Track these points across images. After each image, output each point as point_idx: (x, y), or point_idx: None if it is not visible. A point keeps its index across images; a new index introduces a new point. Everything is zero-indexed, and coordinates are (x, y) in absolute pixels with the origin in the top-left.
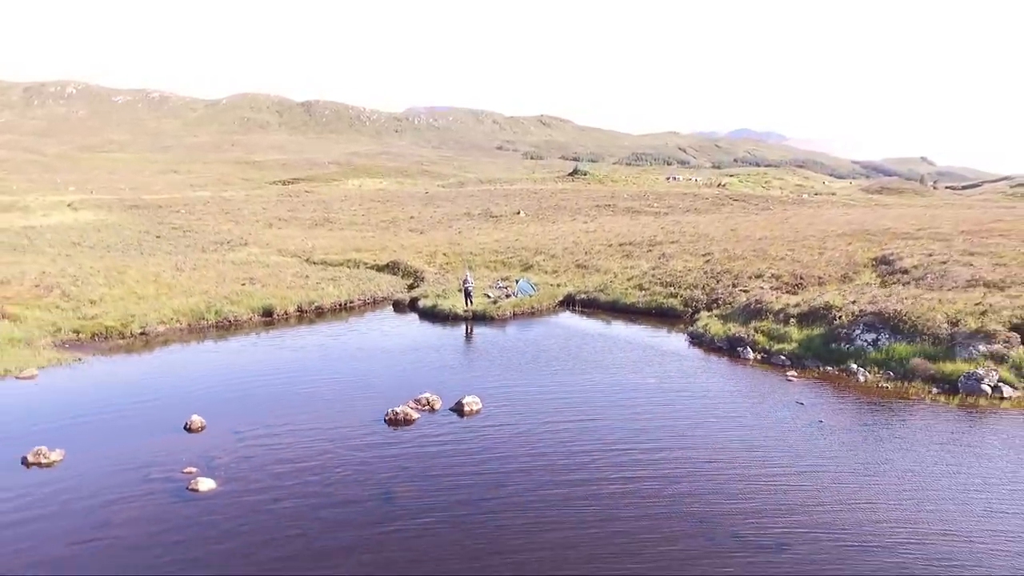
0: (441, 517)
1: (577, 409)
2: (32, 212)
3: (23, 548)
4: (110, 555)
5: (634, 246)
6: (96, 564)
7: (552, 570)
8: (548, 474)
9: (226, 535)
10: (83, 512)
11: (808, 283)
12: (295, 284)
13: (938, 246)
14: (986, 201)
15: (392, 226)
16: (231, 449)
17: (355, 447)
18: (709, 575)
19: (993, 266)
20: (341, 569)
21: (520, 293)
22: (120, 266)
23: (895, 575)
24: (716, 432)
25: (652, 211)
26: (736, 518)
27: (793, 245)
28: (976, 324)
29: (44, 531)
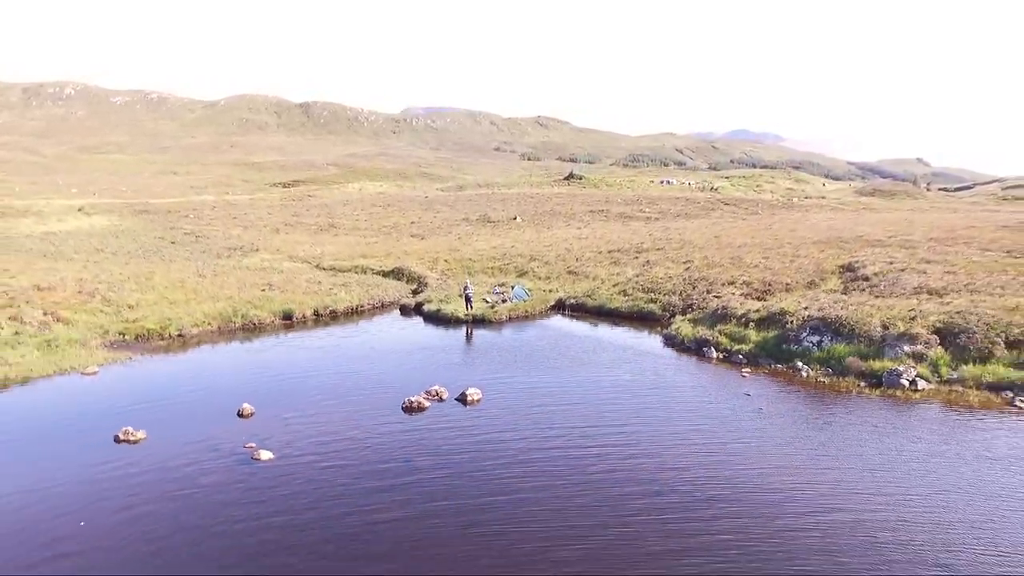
0: (451, 478)
1: (562, 399)
2: (47, 217)
3: (133, 502)
4: (202, 505)
5: (622, 253)
6: (191, 512)
7: (533, 505)
8: (535, 449)
9: (287, 490)
10: (174, 475)
11: (776, 290)
12: (310, 290)
13: (902, 254)
14: (973, 204)
15: (394, 231)
16: (278, 430)
17: (379, 428)
18: (649, 515)
19: (943, 273)
20: (375, 514)
21: (515, 298)
22: (146, 272)
23: (796, 515)
24: (673, 416)
25: (644, 216)
26: (677, 477)
27: (768, 253)
28: (904, 327)
29: (145, 489)
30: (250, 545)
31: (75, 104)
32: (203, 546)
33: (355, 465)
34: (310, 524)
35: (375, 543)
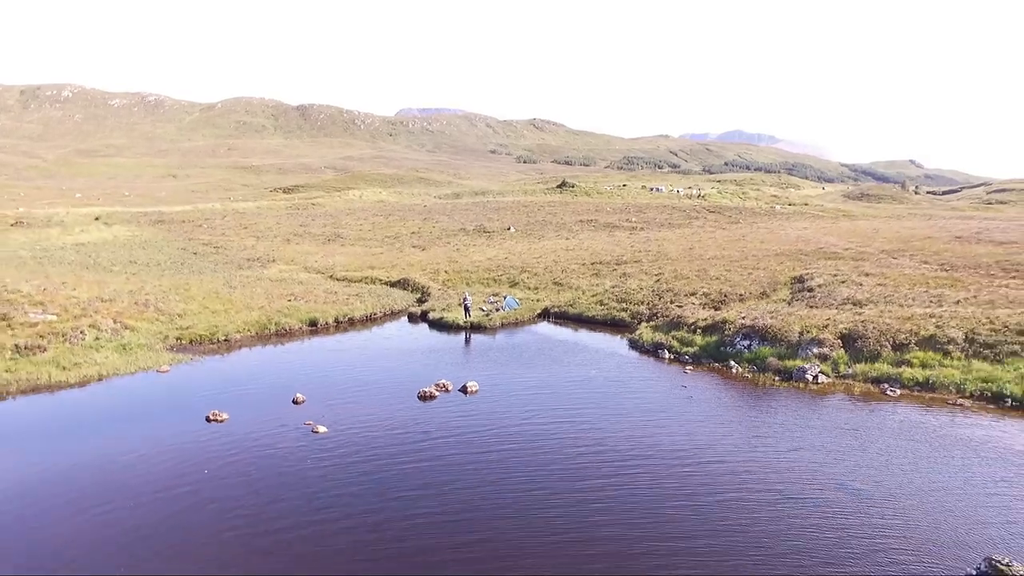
0: (457, 445)
1: (542, 389)
2: (70, 227)
3: (232, 459)
4: (281, 461)
5: (603, 265)
6: (274, 466)
7: (515, 462)
8: (520, 425)
9: (341, 451)
10: (258, 443)
11: (731, 300)
12: (328, 299)
13: (848, 267)
14: (952, 210)
15: (397, 241)
16: (326, 412)
17: (402, 410)
18: (593, 465)
19: (874, 286)
20: (404, 466)
21: (507, 307)
22: (183, 284)
23: (693, 464)
24: (623, 401)
25: (629, 226)
26: (616, 440)
27: (732, 265)
28: (816, 334)
29: (240, 451)
30: (319, 486)
31: (73, 107)
32: (285, 488)
33: (387, 435)
34: (359, 474)
35: (405, 485)
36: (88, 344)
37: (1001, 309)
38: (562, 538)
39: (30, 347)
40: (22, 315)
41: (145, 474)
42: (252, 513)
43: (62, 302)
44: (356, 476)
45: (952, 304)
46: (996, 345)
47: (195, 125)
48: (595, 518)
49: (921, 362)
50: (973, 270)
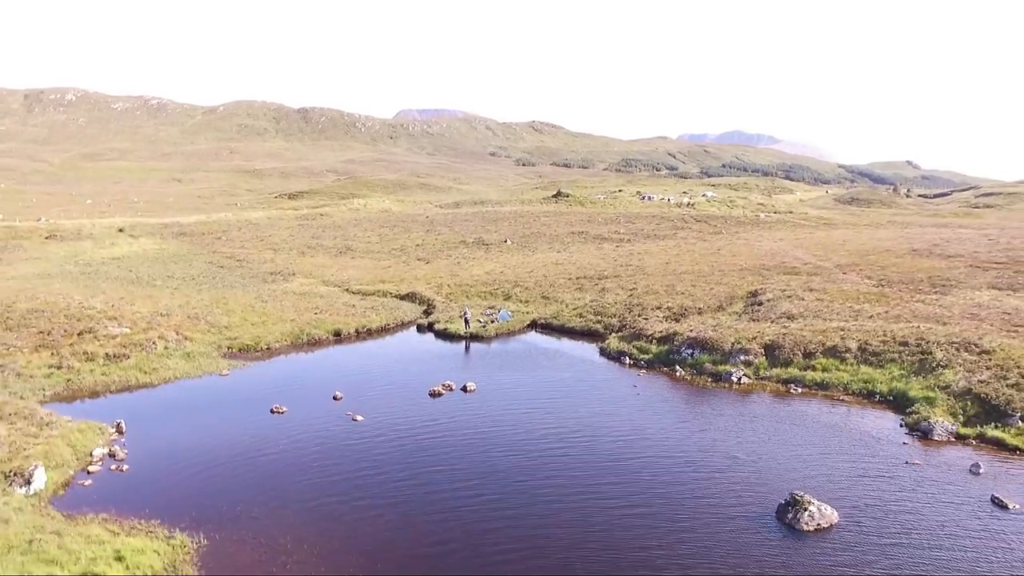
0: (460, 429)
1: (526, 387)
2: (101, 240)
3: (295, 439)
4: (333, 441)
5: (586, 279)
6: (325, 447)
7: (502, 441)
8: (508, 414)
9: (375, 434)
10: (314, 428)
11: (690, 313)
12: (348, 312)
13: (799, 282)
14: (935, 215)
15: (403, 254)
16: (361, 405)
17: (418, 404)
18: (554, 441)
19: (813, 300)
20: (421, 443)
21: (501, 319)
22: (221, 299)
23: (630, 445)
24: (586, 395)
25: (617, 238)
26: (574, 422)
27: (699, 281)
28: (745, 344)
29: (300, 434)
30: (360, 456)
31: (76, 110)
32: (337, 456)
33: (407, 422)
34: (388, 449)
35: (420, 455)
36: (160, 353)
37: (901, 323)
38: (529, 482)
39: (117, 355)
40: (103, 329)
41: (237, 447)
42: (317, 470)
43: (130, 317)
44: (386, 450)
45: (865, 319)
46: (881, 353)
47: (197, 128)
48: (549, 472)
49: (822, 367)
50: (904, 285)
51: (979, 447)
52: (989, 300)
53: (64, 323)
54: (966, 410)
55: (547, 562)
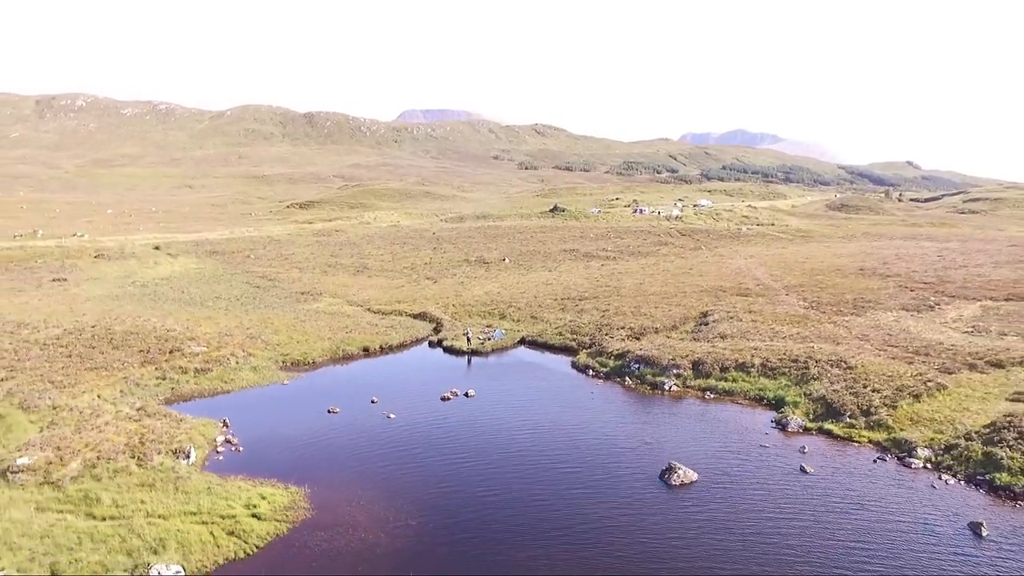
0: (465, 424)
1: (513, 393)
2: (145, 260)
3: (352, 429)
4: (375, 434)
5: (569, 300)
6: (371, 436)
7: (494, 432)
8: (499, 412)
9: (404, 428)
10: (361, 424)
11: (648, 332)
12: (372, 331)
13: (744, 304)
14: (912, 226)
15: (413, 272)
16: (393, 406)
17: (433, 406)
18: (527, 432)
19: (748, 322)
20: (437, 432)
21: (496, 337)
22: (267, 319)
23: (579, 431)
24: (555, 398)
25: (604, 255)
26: (542, 418)
27: (662, 302)
28: (679, 360)
29: (352, 427)
30: (396, 442)
31: (87, 116)
32: (379, 442)
33: (426, 418)
34: (415, 437)
35: (437, 441)
36: (233, 367)
37: (802, 343)
38: (505, 454)
39: (202, 369)
40: (188, 348)
41: (312, 435)
42: (368, 449)
43: (203, 337)
44: (412, 436)
45: (779, 339)
46: (777, 368)
47: (205, 133)
48: (520, 448)
49: (732, 378)
50: (829, 307)
51: (816, 436)
52: (889, 321)
53: (156, 343)
54: (816, 411)
55: (512, 496)
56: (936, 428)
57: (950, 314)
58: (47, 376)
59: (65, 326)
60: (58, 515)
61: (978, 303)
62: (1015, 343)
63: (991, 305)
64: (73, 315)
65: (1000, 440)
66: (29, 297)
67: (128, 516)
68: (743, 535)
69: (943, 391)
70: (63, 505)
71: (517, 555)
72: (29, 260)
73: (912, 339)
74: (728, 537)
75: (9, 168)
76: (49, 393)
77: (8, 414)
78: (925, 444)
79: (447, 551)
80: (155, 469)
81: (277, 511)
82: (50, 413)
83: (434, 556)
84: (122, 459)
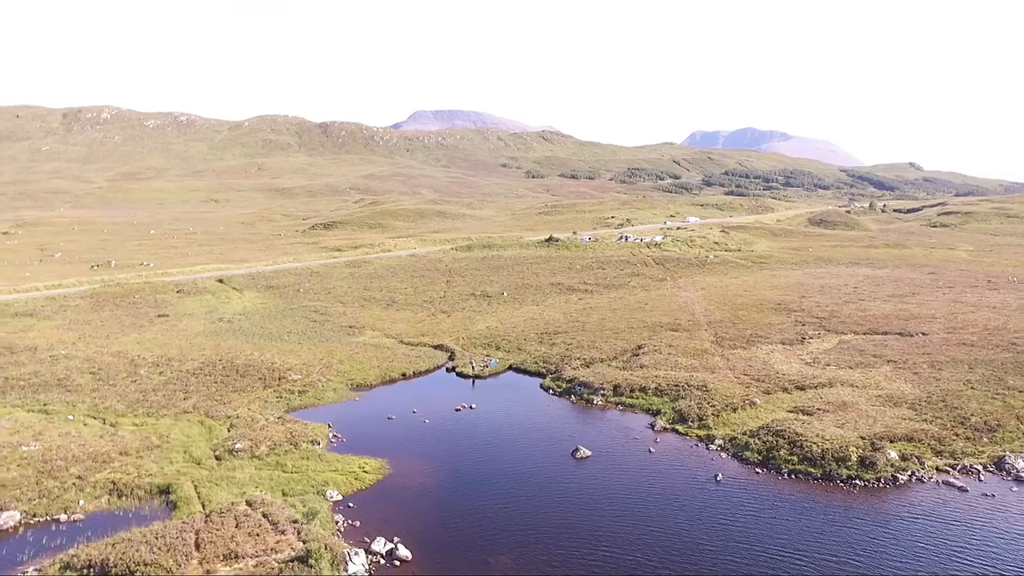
0: (469, 427)
1: (500, 405)
2: (218, 296)
3: (404, 428)
4: (419, 431)
5: (546, 335)
6: (416, 431)
7: (491, 429)
8: (494, 417)
9: (435, 427)
10: (411, 423)
11: (595, 362)
12: (406, 360)
13: (668, 339)
14: (868, 247)
15: (431, 305)
16: (426, 414)
17: (449, 414)
18: (507, 431)
19: (666, 355)
20: (454, 430)
21: (491, 365)
22: (330, 350)
23: (536, 431)
24: (521, 408)
25: (583, 288)
26: (512, 420)
27: (612, 336)
28: (607, 384)
29: (406, 425)
30: (431, 435)
31: (112, 128)
32: (424, 436)
33: (446, 421)
34: (441, 433)
35: (454, 435)
36: (320, 388)
37: (688, 372)
38: (492, 439)
39: (301, 391)
40: (289, 376)
41: (384, 430)
42: (420, 439)
43: (295, 367)
44: (441, 431)
45: (677, 369)
46: (664, 389)
47: (225, 144)
48: (498, 437)
49: (636, 397)
50: (729, 342)
51: (668, 433)
52: (762, 354)
53: (268, 372)
54: (674, 418)
55: (494, 461)
56: (733, 428)
57: (812, 347)
58: (211, 396)
59: (198, 359)
60: (267, 471)
61: (840, 336)
62: (829, 372)
63: (848, 339)
64: (194, 348)
65: (757, 435)
66: (152, 333)
67: (303, 471)
68: (609, 481)
69: (754, 406)
70: (266, 468)
71: (491, 485)
72: (128, 296)
73: (764, 369)
74: (603, 483)
75: (45, 183)
76: (218, 408)
77: (203, 421)
78: (721, 437)
79: (458, 486)
80: (304, 450)
81: (373, 470)
82: (228, 420)
83: (452, 487)
84: (286, 444)
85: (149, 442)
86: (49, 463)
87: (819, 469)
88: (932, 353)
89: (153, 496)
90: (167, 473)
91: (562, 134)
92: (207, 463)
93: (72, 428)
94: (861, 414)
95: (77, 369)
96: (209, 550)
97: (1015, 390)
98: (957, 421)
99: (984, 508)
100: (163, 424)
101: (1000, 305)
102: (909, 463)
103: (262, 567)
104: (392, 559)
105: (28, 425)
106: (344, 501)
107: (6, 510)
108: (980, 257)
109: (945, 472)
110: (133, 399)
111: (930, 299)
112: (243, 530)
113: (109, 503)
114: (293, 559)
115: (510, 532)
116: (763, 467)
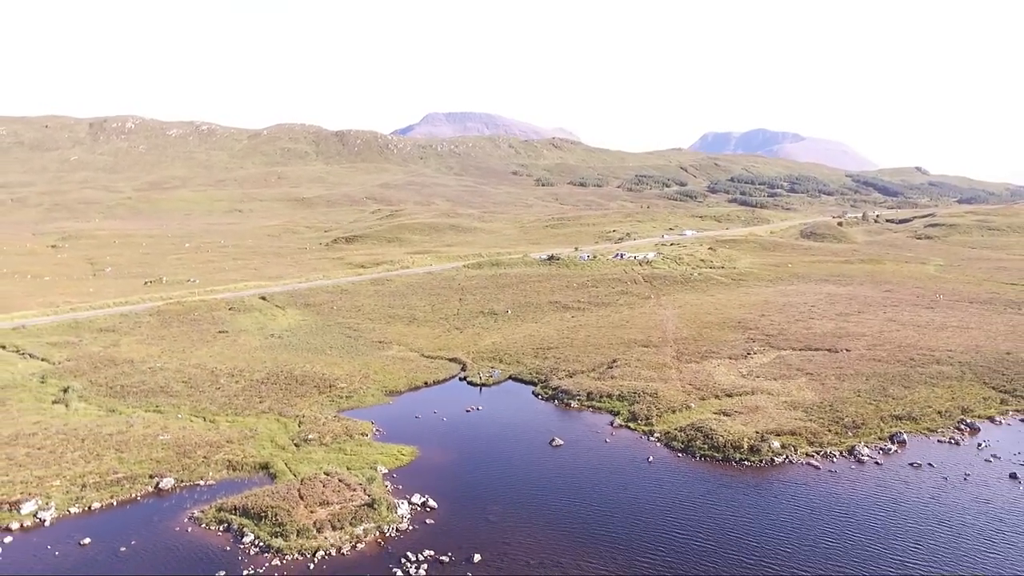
0: (479, 423)
1: (500, 406)
2: (264, 312)
3: (436, 428)
4: (442, 427)
5: (541, 350)
6: (438, 428)
7: (493, 422)
8: (493, 416)
9: (453, 425)
10: (436, 423)
11: (578, 373)
12: (427, 370)
13: (638, 354)
14: (845, 262)
15: (446, 322)
16: (444, 414)
17: (461, 415)
18: (500, 427)
19: (633, 367)
20: (463, 426)
21: (495, 376)
22: (366, 363)
23: (520, 425)
24: (517, 410)
25: (577, 307)
26: (507, 419)
27: (593, 351)
28: (579, 391)
29: (432, 423)
30: (451, 430)
31: (136, 138)
32: (445, 431)
33: (460, 420)
34: (455, 427)
35: (468, 428)
36: (362, 394)
37: (645, 382)
38: (490, 429)
39: (348, 396)
40: (337, 384)
41: (415, 426)
42: (444, 432)
43: (340, 377)
44: (457, 426)
45: (638, 379)
46: (624, 396)
47: (245, 152)
48: (496, 427)
49: (603, 401)
50: (687, 356)
51: (623, 429)
52: (710, 368)
53: (320, 381)
54: (628, 417)
55: (493, 447)
56: (669, 425)
57: (752, 361)
58: (280, 400)
59: (263, 371)
60: (333, 454)
61: (779, 352)
62: (756, 382)
63: (784, 354)
64: (256, 361)
65: (684, 430)
66: (219, 347)
67: (358, 454)
68: (575, 461)
69: (688, 409)
70: (332, 452)
71: (490, 464)
72: (188, 313)
73: (706, 380)
74: (570, 462)
75: (77, 193)
76: (287, 409)
77: (278, 419)
78: (659, 431)
79: (467, 464)
80: (357, 439)
81: (408, 453)
82: (296, 418)
83: (463, 464)
84: (343, 436)
85: (244, 434)
86: (182, 447)
87: (721, 454)
88: (843, 367)
89: (257, 470)
90: (263, 455)
91: (572, 140)
92: (289, 448)
93: (185, 424)
94: (766, 415)
95: (172, 379)
96: (309, 499)
97: (891, 397)
98: (833, 420)
99: (827, 479)
100: (249, 421)
101: (926, 324)
102: (786, 450)
103: (344, 509)
104: (425, 507)
105: (152, 422)
106: (390, 473)
107: (165, 476)
108: (944, 273)
109: (811, 457)
110: (222, 403)
111: (870, 318)
112: (328, 488)
113: (228, 474)
114: (363, 504)
115: (502, 492)
116: (684, 452)
